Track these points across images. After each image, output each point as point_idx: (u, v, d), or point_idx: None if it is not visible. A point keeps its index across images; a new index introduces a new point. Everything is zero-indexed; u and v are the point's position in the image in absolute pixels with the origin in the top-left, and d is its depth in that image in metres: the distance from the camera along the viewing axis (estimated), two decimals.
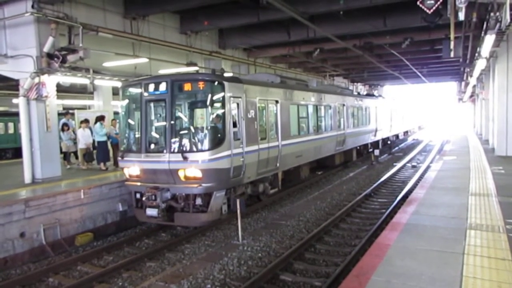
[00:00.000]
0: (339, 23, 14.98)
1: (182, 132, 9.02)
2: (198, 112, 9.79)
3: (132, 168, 9.13)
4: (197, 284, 6.39)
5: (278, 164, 11.09)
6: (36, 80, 10.41)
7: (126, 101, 9.70)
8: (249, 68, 20.09)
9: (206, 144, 8.65)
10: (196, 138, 8.86)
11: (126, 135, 9.80)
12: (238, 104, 9.25)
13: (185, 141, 8.80)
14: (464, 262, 4.85)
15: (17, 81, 10.87)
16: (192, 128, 9.24)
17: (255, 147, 9.81)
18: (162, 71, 16.18)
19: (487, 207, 7.45)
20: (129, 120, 9.73)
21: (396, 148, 28.37)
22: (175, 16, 15.36)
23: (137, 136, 9.40)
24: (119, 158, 9.43)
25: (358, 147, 20.56)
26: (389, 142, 27.96)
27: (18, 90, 10.76)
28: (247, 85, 9.81)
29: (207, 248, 8.28)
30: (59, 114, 12.66)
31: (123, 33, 13.03)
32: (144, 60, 14.49)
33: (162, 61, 15.04)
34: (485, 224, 6.38)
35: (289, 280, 6.61)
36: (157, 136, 9.30)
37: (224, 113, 8.74)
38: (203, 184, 8.46)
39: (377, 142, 23.84)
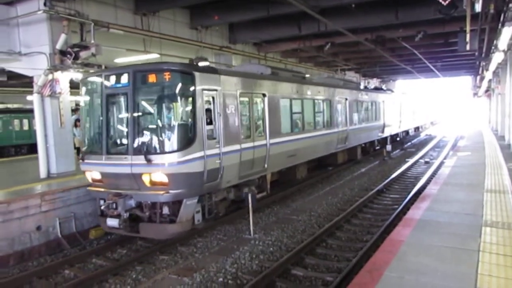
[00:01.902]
0: (351, 17, 14.77)
1: (145, 131, 7.79)
2: (164, 107, 8.02)
3: (94, 172, 8.15)
4: (209, 277, 6.44)
5: (266, 165, 10.04)
6: (50, 77, 10.54)
7: (87, 95, 8.57)
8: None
9: (173, 144, 7.46)
10: (161, 138, 7.63)
11: (87, 134, 8.64)
12: (213, 98, 8.14)
13: (149, 142, 7.66)
14: (479, 260, 4.78)
15: (31, 78, 11.01)
16: (156, 126, 7.85)
17: (236, 147, 8.73)
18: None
19: (503, 204, 7.32)
20: (89, 118, 8.61)
21: (409, 143, 28.05)
22: (185, 11, 15.37)
23: (97, 135, 8.28)
24: (80, 161, 8.36)
25: (364, 145, 19.53)
26: (398, 139, 27.51)
27: (32, 87, 10.92)
28: (225, 76, 8.66)
29: (219, 242, 8.33)
30: (72, 110, 12.79)
31: (134, 29, 13.10)
32: (155, 55, 14.55)
33: (172, 57, 15.06)
34: (501, 221, 6.27)
35: (301, 274, 6.61)
36: (119, 135, 8.13)
37: (194, 109, 7.58)
38: (171, 191, 7.41)
39: (385, 139, 23.08)
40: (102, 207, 7.78)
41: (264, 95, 10.16)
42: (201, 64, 10.67)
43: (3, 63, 11.36)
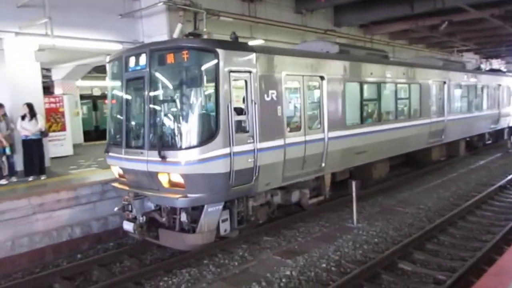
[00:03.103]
0: None
1: (161, 122, 6.78)
2: (182, 93, 6.74)
3: (117, 166, 7.44)
4: (312, 262, 6.48)
5: (323, 164, 8.43)
6: None
7: (111, 80, 7.83)
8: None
9: (190, 139, 6.34)
10: (177, 131, 6.57)
11: (111, 124, 7.93)
12: (246, 81, 6.77)
13: (164, 135, 6.68)
14: None
15: None
16: (173, 117, 6.74)
17: (277, 142, 7.28)
18: None
19: None
20: (112, 105, 7.89)
21: None
22: None
23: (118, 126, 7.53)
24: (106, 153, 7.62)
25: (468, 138, 16.35)
26: None
27: None
28: (263, 54, 7.13)
29: (321, 228, 8.30)
30: None
31: (242, 16, 13.53)
32: (260, 41, 14.85)
33: (277, 42, 15.21)
34: None
35: (409, 269, 6.26)
36: (137, 127, 7.17)
37: (217, 95, 6.30)
38: (189, 195, 6.34)
39: (500, 131, 19.34)
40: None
41: (322, 78, 8.39)
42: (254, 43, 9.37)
43: None
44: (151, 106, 6.65)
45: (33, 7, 9.48)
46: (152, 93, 6.68)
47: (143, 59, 6.68)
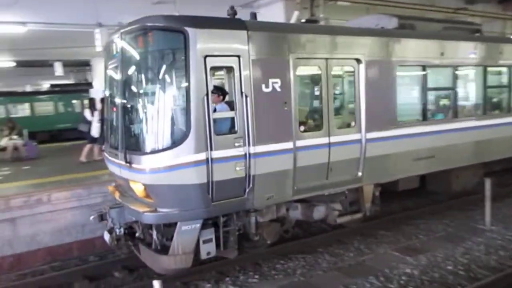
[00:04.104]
0: None
1: (128, 120, 5.69)
2: (147, 85, 5.54)
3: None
4: (436, 262, 5.98)
5: (359, 173, 6.58)
6: None
7: (105, 70, 6.57)
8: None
9: (155, 141, 5.24)
10: (142, 132, 5.47)
11: (106, 117, 6.86)
12: (232, 68, 5.34)
13: (131, 135, 5.64)
14: None
15: None
16: (138, 114, 5.62)
17: (283, 146, 5.68)
18: None
19: None
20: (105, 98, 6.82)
21: None
22: None
23: (106, 122, 6.70)
24: (102, 151, 6.90)
25: None
26: None
27: None
28: (259, 32, 5.53)
29: (445, 227, 7.62)
30: None
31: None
32: None
33: None
34: None
35: None
36: (114, 124, 6.13)
37: (188, 86, 4.99)
38: (159, 209, 5.27)
39: None
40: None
41: (358, 60, 6.40)
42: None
43: None
44: (122, 100, 5.72)
45: (165, 3, 10.42)
46: (122, 86, 5.68)
47: (116, 45, 5.70)
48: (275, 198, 5.80)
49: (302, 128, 5.96)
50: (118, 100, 5.79)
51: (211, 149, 5.09)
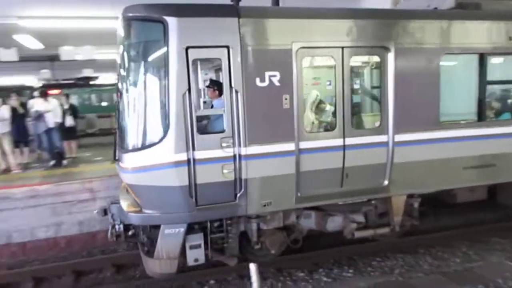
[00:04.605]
0: None
1: (119, 116, 5.49)
2: (129, 79, 5.33)
3: None
4: None
5: (386, 182, 5.64)
6: None
7: None
8: None
9: (134, 139, 5.04)
10: (124, 128, 5.24)
11: None
12: (220, 61, 4.87)
13: (121, 132, 5.39)
14: None
15: None
16: (122, 110, 5.35)
17: (283, 147, 5.11)
18: None
19: None
20: None
21: None
22: None
23: None
24: None
25: None
26: None
27: None
28: (254, 18, 4.94)
29: None
30: None
31: None
32: None
33: None
34: None
35: None
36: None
37: (167, 81, 4.68)
38: (144, 210, 5.07)
39: None
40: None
41: (385, 49, 5.44)
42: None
43: None
44: (115, 96, 5.62)
45: None
46: (117, 80, 5.57)
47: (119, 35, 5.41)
48: (274, 205, 5.26)
49: (308, 127, 5.45)
50: (114, 96, 5.90)
51: (193, 149, 4.79)
